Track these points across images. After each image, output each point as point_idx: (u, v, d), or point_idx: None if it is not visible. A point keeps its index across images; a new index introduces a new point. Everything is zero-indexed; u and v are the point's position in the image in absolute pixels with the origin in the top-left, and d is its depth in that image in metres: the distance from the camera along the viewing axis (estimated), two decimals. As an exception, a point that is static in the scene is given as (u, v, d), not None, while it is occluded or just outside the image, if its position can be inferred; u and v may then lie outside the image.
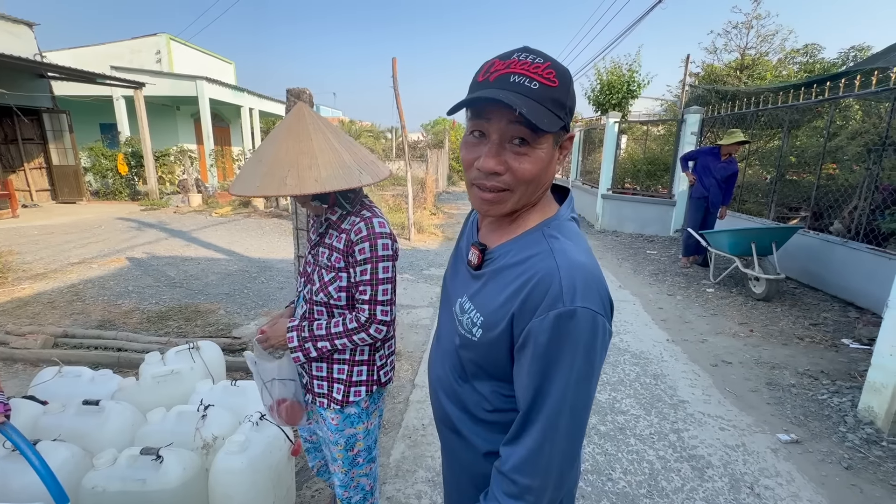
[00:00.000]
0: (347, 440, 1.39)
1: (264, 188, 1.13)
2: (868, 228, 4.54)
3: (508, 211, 0.72)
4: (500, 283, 0.71)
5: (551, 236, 0.70)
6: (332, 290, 1.27)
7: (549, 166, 0.69)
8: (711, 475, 2.19)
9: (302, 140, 1.18)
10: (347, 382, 1.33)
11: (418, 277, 5.53)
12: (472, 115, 0.68)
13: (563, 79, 0.64)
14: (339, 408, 1.35)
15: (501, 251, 0.74)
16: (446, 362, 0.85)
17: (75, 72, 9.53)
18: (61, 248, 6.27)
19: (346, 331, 1.25)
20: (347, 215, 1.28)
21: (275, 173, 1.14)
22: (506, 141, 0.66)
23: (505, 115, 0.63)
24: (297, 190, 1.11)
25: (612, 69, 12.27)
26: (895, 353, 2.47)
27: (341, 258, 1.25)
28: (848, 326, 4.03)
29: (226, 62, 18.60)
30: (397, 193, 11.79)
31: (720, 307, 4.62)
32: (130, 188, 11.65)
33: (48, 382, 2.05)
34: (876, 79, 4.36)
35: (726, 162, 5.61)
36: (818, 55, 10.11)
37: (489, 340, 0.71)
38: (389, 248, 1.26)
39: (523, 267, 0.68)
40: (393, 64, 7.09)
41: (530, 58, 0.64)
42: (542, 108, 0.62)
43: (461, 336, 0.77)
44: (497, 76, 0.64)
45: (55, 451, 1.54)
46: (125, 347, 3.27)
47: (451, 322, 0.83)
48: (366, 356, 1.35)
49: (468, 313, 0.75)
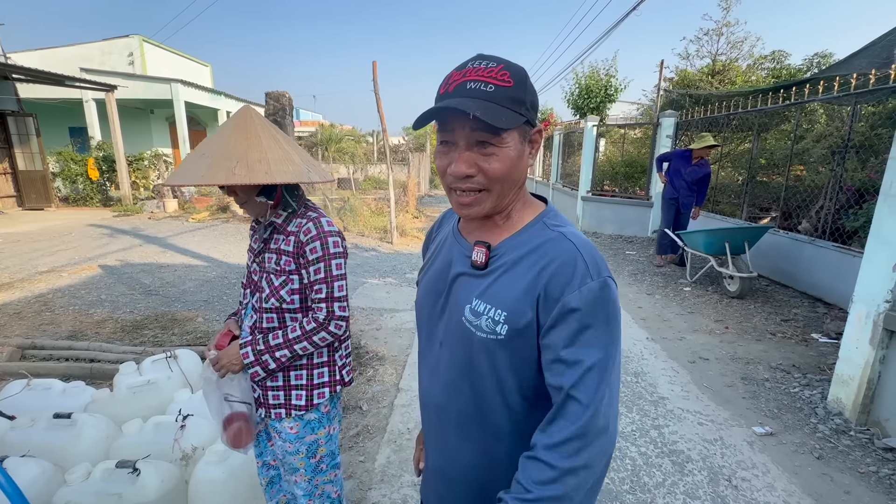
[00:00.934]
0: (309, 447, 1.34)
1: (211, 177, 1.11)
2: (834, 227, 4.74)
3: (489, 209, 0.74)
4: (515, 275, 0.72)
5: (556, 225, 0.75)
6: (284, 293, 1.24)
7: (519, 161, 0.72)
8: (691, 469, 2.25)
9: (250, 137, 1.18)
10: (308, 386, 1.30)
11: (401, 281, 5.51)
12: (438, 126, 0.72)
13: (518, 77, 0.68)
14: (300, 414, 1.30)
15: (508, 246, 0.75)
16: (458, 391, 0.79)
17: (42, 74, 9.20)
18: (28, 257, 6.02)
19: (305, 333, 1.22)
20: (293, 217, 1.26)
21: (222, 164, 1.12)
22: (472, 145, 0.69)
23: (465, 121, 0.67)
24: (246, 179, 1.09)
25: (590, 74, 12.51)
26: (861, 346, 2.59)
27: (291, 261, 1.23)
28: (817, 322, 4.19)
29: (202, 65, 18.25)
30: (379, 197, 11.75)
31: (697, 305, 4.75)
32: (102, 194, 11.30)
33: (16, 396, 1.97)
34: (838, 84, 4.56)
35: (697, 165, 5.83)
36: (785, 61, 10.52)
37: (517, 333, 0.71)
38: (340, 246, 1.25)
39: (538, 254, 0.71)
40: (373, 67, 7.07)
41: (483, 63, 0.68)
42: (500, 108, 0.65)
43: (482, 342, 0.73)
44: (455, 86, 0.68)
45: (24, 467, 1.49)
46: (98, 358, 3.15)
47: (457, 338, 0.78)
48: (325, 357, 1.32)
49: (486, 315, 0.73)
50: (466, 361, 0.77)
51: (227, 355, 1.27)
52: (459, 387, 0.79)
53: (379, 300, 4.77)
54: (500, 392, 0.75)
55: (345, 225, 8.50)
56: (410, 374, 3.17)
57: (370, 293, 4.99)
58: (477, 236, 0.80)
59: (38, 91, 11.18)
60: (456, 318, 0.78)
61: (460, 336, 0.77)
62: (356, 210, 8.97)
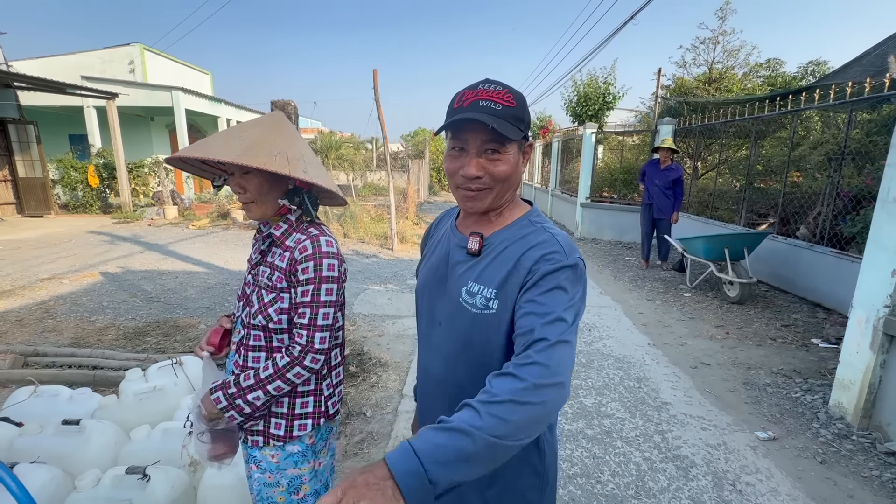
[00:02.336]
0: (290, 481, 1.20)
1: (249, 157, 1.04)
2: (832, 233, 4.79)
3: (487, 206, 0.88)
4: (503, 259, 0.86)
5: (538, 222, 0.90)
6: (272, 311, 1.15)
7: (517, 168, 0.88)
8: (695, 474, 2.26)
9: (286, 136, 1.15)
10: (289, 415, 1.18)
11: (403, 287, 5.53)
12: (453, 134, 0.86)
13: (519, 100, 0.84)
14: (280, 444, 1.18)
15: (498, 237, 0.90)
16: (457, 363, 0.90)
17: (44, 82, 9.25)
18: (29, 264, 6.02)
19: (278, 371, 1.11)
20: (293, 231, 1.18)
21: (262, 149, 1.07)
22: (482, 152, 0.84)
23: (479, 132, 0.82)
24: (286, 169, 1.06)
25: (588, 81, 12.64)
26: (861, 350, 2.61)
27: (283, 277, 1.14)
28: (817, 327, 4.22)
29: (202, 72, 18.35)
30: (379, 204, 11.78)
31: (697, 311, 4.77)
32: (102, 201, 11.30)
33: (23, 403, 1.97)
34: (833, 93, 4.63)
35: (666, 169, 6.08)
36: (780, 69, 10.66)
37: (505, 305, 0.83)
38: (335, 269, 1.15)
39: (522, 242, 0.86)
40: (374, 76, 7.14)
41: (492, 87, 0.83)
42: (506, 123, 0.81)
43: (477, 317, 0.85)
44: (469, 102, 0.82)
45: (34, 474, 1.49)
46: (101, 365, 3.15)
47: (456, 317, 0.89)
48: (312, 385, 1.20)
49: (479, 294, 0.85)
50: (464, 335, 0.88)
51: (207, 401, 1.15)
52: (457, 360, 0.90)
53: (381, 306, 4.78)
54: (495, 362, 0.85)
55: (345, 232, 8.52)
56: (413, 380, 3.18)
57: (372, 300, 5.00)
58: (472, 230, 0.93)
59: (39, 99, 11.24)
60: (454, 299, 0.90)
61: (458, 314, 0.89)
62: (356, 217, 9.00)
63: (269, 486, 1.20)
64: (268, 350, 1.19)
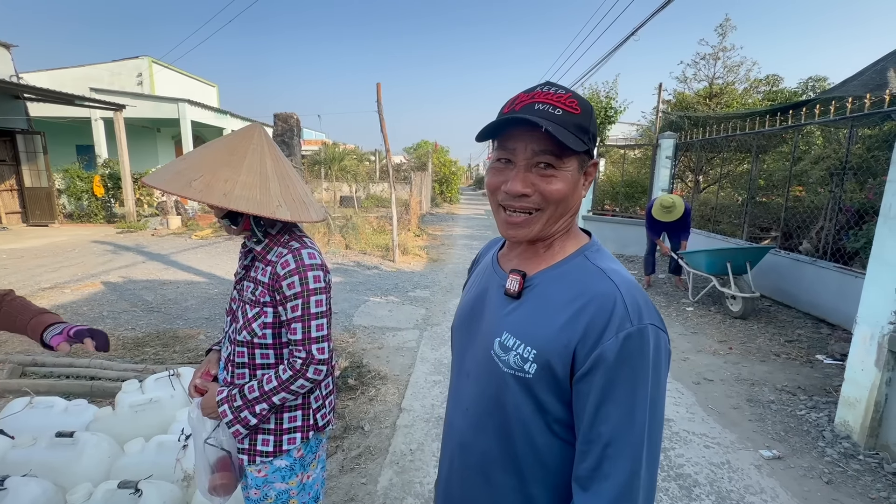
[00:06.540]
0: (278, 495, 1.20)
1: (169, 184, 1.06)
2: (835, 248, 4.76)
3: (536, 234, 0.71)
4: (549, 310, 0.68)
5: (597, 259, 0.71)
6: (256, 326, 1.14)
7: (576, 189, 0.70)
8: (699, 493, 2.21)
9: (234, 154, 1.12)
10: (278, 431, 1.17)
11: (403, 299, 5.51)
12: (498, 143, 0.70)
13: (585, 107, 0.67)
14: (268, 460, 1.17)
15: (543, 277, 0.72)
16: (485, 426, 0.75)
17: (53, 93, 9.40)
18: (32, 273, 6.04)
19: (282, 383, 1.11)
20: (274, 246, 1.16)
21: (186, 174, 1.07)
22: (532, 165, 0.68)
23: (531, 140, 0.66)
24: (199, 196, 1.04)
25: (590, 96, 12.72)
26: (866, 368, 2.57)
27: (266, 292, 1.13)
28: (821, 342, 4.17)
29: (209, 85, 18.63)
30: (381, 215, 11.82)
31: (700, 325, 4.73)
32: (106, 210, 11.39)
33: (17, 414, 1.95)
34: (834, 108, 4.65)
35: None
36: (780, 85, 10.74)
37: (546, 373, 0.66)
38: (321, 280, 1.14)
39: (576, 291, 0.67)
40: (377, 89, 7.23)
41: (552, 90, 0.68)
42: (566, 131, 0.64)
43: (509, 377, 0.69)
44: (522, 106, 0.67)
45: (25, 488, 1.47)
46: (99, 376, 3.14)
47: (485, 372, 0.74)
48: (299, 400, 1.19)
49: (514, 350, 0.69)
50: (493, 397, 0.72)
51: (207, 404, 1.17)
52: (485, 424, 0.74)
53: (381, 318, 4.76)
54: (526, 433, 0.69)
55: (347, 243, 8.53)
56: (412, 393, 3.15)
57: (372, 311, 4.98)
58: (514, 265, 0.77)
59: (48, 110, 11.40)
60: (485, 349, 0.74)
61: (488, 369, 0.73)
62: (358, 228, 9.02)
63: (254, 501, 1.21)
64: (250, 367, 1.17)
